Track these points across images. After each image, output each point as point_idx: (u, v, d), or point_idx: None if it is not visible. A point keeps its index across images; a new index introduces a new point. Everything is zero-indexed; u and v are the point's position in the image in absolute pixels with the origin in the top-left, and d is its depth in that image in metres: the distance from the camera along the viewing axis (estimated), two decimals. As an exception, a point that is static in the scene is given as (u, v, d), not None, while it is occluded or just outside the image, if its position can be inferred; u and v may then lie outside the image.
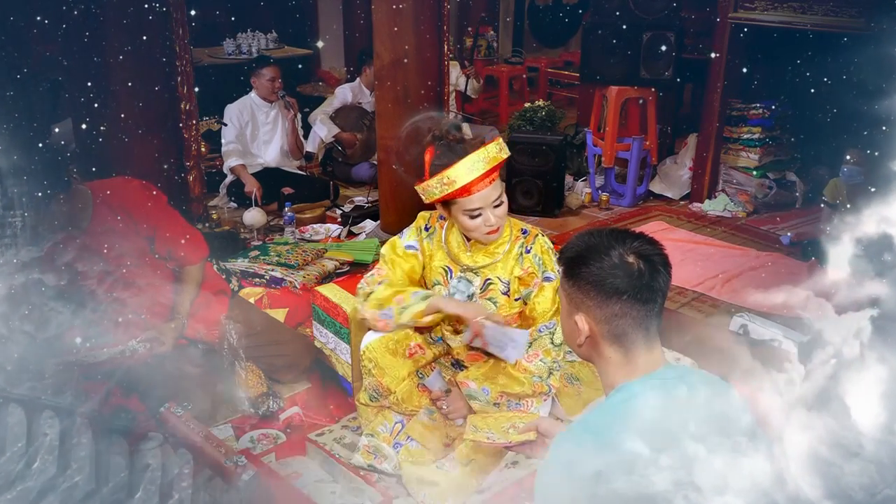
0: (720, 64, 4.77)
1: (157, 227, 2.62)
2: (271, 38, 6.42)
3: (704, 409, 1.32)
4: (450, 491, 2.26)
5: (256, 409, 2.70)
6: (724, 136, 5.01)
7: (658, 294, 1.39)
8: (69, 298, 2.36)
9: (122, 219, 2.55)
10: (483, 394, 2.34)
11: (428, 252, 2.46)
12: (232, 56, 6.10)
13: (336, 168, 5.44)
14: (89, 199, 2.52)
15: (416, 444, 2.38)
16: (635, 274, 1.36)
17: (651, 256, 1.38)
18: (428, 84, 4.04)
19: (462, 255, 2.41)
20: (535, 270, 2.38)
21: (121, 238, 2.53)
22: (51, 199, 2.35)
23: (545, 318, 2.38)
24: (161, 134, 3.81)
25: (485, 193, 2.22)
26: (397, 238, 2.50)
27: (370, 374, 2.46)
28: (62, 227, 2.43)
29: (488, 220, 2.25)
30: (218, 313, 2.82)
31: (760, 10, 4.51)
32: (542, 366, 2.35)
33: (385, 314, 2.32)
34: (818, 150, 4.99)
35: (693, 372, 1.50)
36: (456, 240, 2.43)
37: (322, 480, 2.38)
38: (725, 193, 5.04)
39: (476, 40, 7.58)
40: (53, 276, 2.39)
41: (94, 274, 2.51)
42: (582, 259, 1.40)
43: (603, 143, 5.05)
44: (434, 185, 2.21)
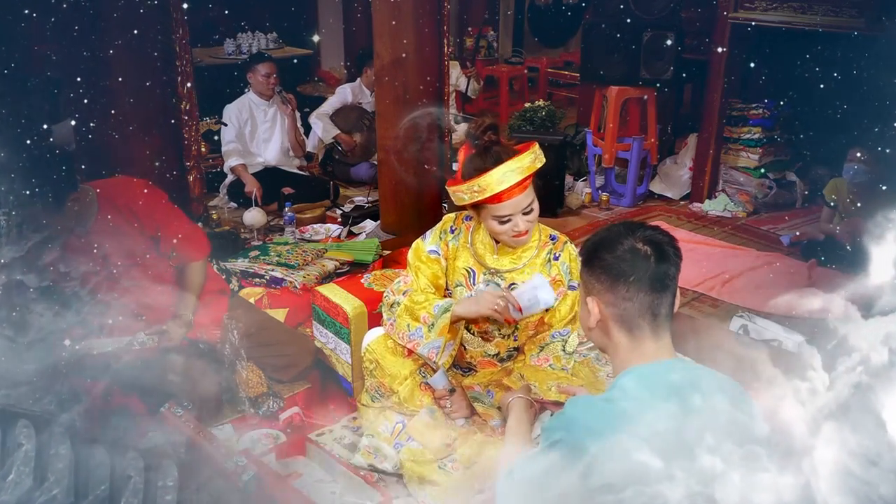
0: (720, 64, 4.77)
1: (161, 225, 2.63)
2: (271, 38, 6.42)
3: (712, 411, 1.32)
4: (451, 491, 2.26)
5: (256, 409, 2.70)
6: (724, 136, 5.01)
7: (667, 280, 1.43)
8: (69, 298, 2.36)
9: (127, 218, 2.56)
10: (488, 397, 2.35)
11: (452, 253, 2.43)
12: (232, 56, 6.10)
13: (336, 168, 5.44)
14: (94, 199, 2.53)
15: (417, 443, 2.38)
16: (642, 258, 1.42)
17: (660, 243, 1.44)
18: (428, 84, 4.04)
19: (488, 258, 2.39)
20: (561, 278, 2.36)
21: (125, 237, 2.54)
22: (61, 198, 2.35)
23: (560, 326, 2.37)
24: (161, 134, 3.81)
25: (516, 201, 2.19)
26: (421, 241, 2.47)
27: (372, 375, 2.45)
28: (67, 227, 2.43)
29: (517, 225, 2.23)
30: (218, 313, 2.83)
31: (761, 10, 4.50)
32: (550, 371, 2.35)
33: (414, 335, 2.33)
34: (818, 150, 4.99)
35: (702, 370, 1.51)
36: (482, 241, 2.40)
37: (322, 480, 2.38)
38: (725, 193, 5.04)
39: (479, 41, 7.58)
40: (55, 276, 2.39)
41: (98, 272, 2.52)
42: (597, 248, 1.48)
43: (603, 143, 5.05)
44: (464, 192, 2.19)
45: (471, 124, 2.28)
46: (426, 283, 2.41)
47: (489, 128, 2.22)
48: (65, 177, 2.37)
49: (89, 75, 3.55)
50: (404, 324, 2.35)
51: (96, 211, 2.52)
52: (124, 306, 2.51)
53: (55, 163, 2.34)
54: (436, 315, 2.30)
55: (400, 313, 2.36)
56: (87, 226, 2.50)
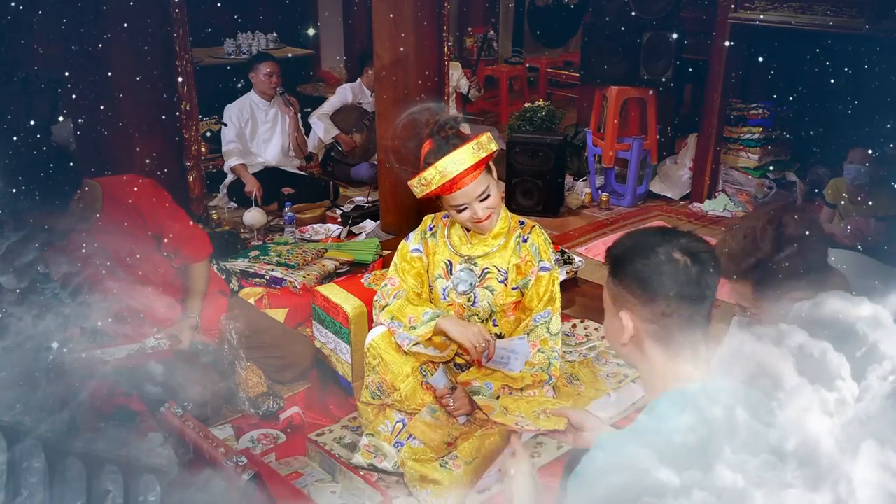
0: (720, 64, 4.77)
1: (164, 225, 2.63)
2: (271, 38, 6.41)
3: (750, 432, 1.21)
4: (451, 489, 2.26)
5: (256, 409, 2.70)
6: (724, 136, 5.02)
7: (707, 291, 1.34)
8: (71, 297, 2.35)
9: (132, 216, 2.56)
10: (486, 388, 2.36)
11: (431, 249, 2.52)
12: (232, 56, 6.09)
13: (336, 168, 5.44)
14: (99, 194, 2.53)
15: (419, 442, 2.38)
16: (682, 271, 1.32)
17: (699, 254, 1.34)
18: (428, 84, 4.04)
19: (462, 247, 2.47)
20: (531, 259, 2.43)
21: (128, 235, 2.54)
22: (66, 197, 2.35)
23: (540, 309, 2.40)
24: (161, 134, 3.81)
25: (467, 190, 2.26)
26: (405, 243, 2.56)
27: (374, 371, 2.46)
28: (71, 223, 2.43)
29: (475, 213, 2.30)
30: (218, 313, 2.82)
31: (760, 10, 4.50)
32: (542, 357, 2.38)
33: (392, 325, 2.40)
34: (818, 150, 4.99)
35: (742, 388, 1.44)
36: (457, 233, 2.49)
37: (322, 480, 2.38)
38: (725, 193, 5.04)
39: (484, 43, 7.59)
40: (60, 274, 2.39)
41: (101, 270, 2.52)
42: (628, 257, 1.37)
43: (603, 143, 5.04)
44: (416, 185, 2.29)
45: (430, 121, 2.35)
46: (413, 282, 2.50)
47: (445, 123, 2.30)
48: (68, 175, 2.37)
49: (89, 75, 3.55)
50: (388, 316, 2.43)
51: (101, 207, 2.53)
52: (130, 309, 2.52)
53: (57, 161, 2.34)
54: (422, 321, 2.36)
55: (387, 311, 2.44)
56: (90, 221, 2.51)
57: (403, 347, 2.39)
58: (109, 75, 3.54)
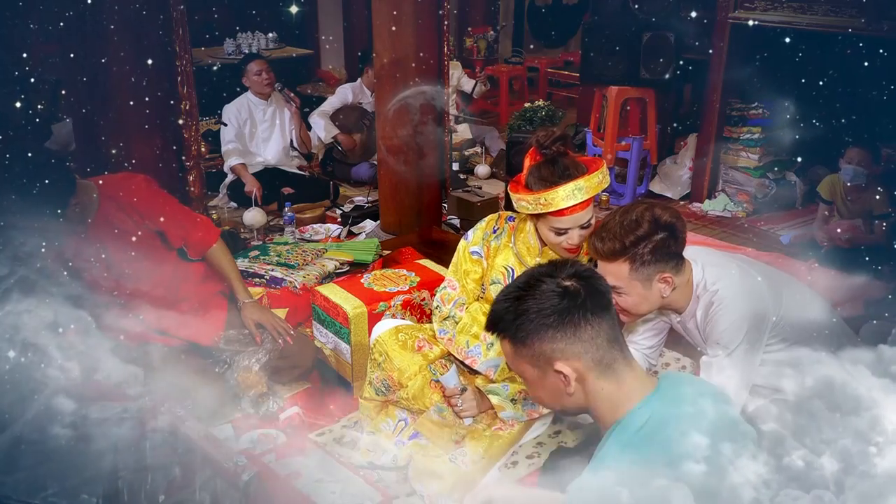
0: (720, 64, 4.77)
1: (165, 218, 2.63)
2: (271, 38, 6.41)
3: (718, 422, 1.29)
4: (455, 486, 2.26)
5: (256, 409, 2.70)
6: (724, 136, 5.01)
7: (607, 298, 1.36)
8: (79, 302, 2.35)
9: (129, 213, 2.56)
10: (503, 389, 2.36)
11: (493, 252, 2.48)
12: (232, 56, 6.10)
13: (336, 168, 5.44)
14: (95, 195, 2.53)
15: (426, 440, 2.38)
16: (581, 290, 1.32)
17: (582, 272, 1.35)
18: (428, 84, 4.04)
19: (529, 259, 2.42)
20: None
21: (127, 233, 2.54)
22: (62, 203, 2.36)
23: None
24: (161, 134, 3.81)
25: (577, 216, 2.22)
26: (465, 241, 2.52)
27: (380, 368, 2.46)
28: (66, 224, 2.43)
29: (571, 238, 2.26)
30: (218, 314, 2.82)
31: (760, 10, 4.51)
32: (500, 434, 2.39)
33: (472, 352, 2.43)
34: (818, 150, 4.99)
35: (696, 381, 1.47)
36: (524, 242, 2.44)
37: (322, 480, 2.38)
38: (725, 193, 5.04)
39: (488, 43, 7.59)
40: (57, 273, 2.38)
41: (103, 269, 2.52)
42: (527, 314, 1.32)
43: (603, 143, 5.05)
44: (530, 202, 2.21)
45: (540, 132, 2.27)
46: (474, 286, 2.49)
47: (559, 139, 2.23)
48: (63, 182, 2.38)
49: (89, 75, 3.55)
50: (463, 340, 2.44)
51: (97, 206, 2.53)
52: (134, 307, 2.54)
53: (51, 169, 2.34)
54: None
55: (459, 329, 2.46)
56: (86, 221, 2.51)
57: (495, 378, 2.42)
58: (109, 76, 3.54)
